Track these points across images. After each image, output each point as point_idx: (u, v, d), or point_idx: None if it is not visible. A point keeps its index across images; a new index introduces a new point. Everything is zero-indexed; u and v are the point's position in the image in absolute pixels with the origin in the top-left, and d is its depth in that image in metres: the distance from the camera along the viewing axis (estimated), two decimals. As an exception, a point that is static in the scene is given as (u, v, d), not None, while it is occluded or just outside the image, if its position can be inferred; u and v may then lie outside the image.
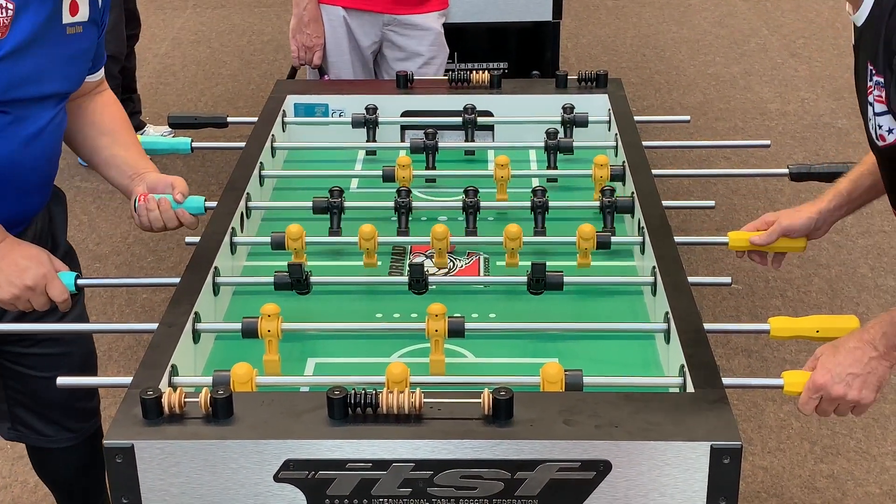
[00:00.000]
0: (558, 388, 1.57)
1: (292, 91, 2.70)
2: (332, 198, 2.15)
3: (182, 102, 5.39)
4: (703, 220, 4.26)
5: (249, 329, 1.75)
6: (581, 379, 1.60)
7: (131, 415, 1.46)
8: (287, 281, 1.91)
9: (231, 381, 1.58)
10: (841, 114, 5.29)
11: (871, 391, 1.65)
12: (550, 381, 1.58)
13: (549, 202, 2.14)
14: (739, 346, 3.49)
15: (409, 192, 2.16)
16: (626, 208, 2.15)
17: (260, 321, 1.74)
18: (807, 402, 1.67)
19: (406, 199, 2.14)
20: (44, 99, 1.93)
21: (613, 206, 2.14)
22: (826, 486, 2.93)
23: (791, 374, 1.68)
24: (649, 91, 5.58)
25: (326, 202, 2.15)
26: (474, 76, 2.66)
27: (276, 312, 1.74)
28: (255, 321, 1.75)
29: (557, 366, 1.59)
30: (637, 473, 1.42)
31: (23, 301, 1.86)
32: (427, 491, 1.43)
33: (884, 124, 1.70)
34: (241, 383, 1.57)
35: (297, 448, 1.42)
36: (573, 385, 1.59)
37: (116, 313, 3.66)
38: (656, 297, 1.89)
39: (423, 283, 1.90)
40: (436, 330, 1.73)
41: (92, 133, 2.11)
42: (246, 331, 1.76)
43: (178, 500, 1.44)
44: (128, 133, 2.14)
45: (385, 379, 1.54)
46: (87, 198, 4.44)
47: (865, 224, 4.28)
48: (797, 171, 2.37)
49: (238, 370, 1.58)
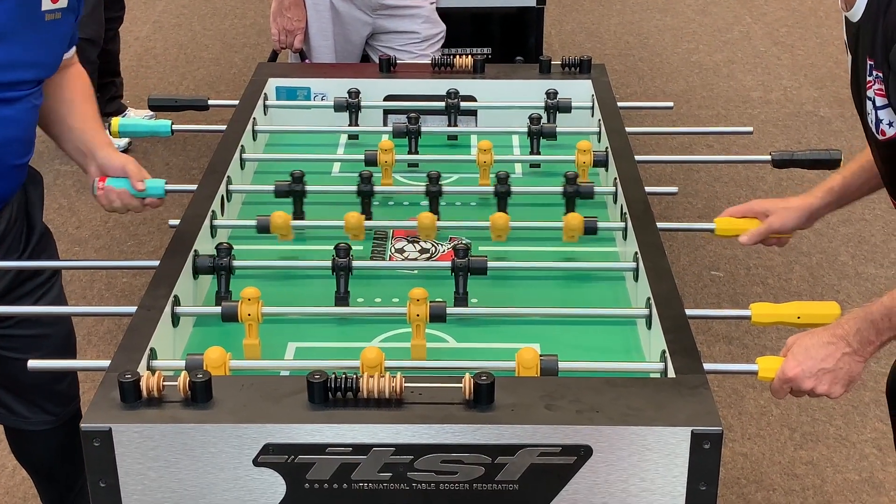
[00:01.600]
0: (534, 373, 1.57)
1: (274, 74, 2.68)
2: (293, 182, 2.14)
3: (163, 86, 5.35)
4: (685, 207, 4.26)
5: (229, 313, 1.74)
6: (556, 364, 1.59)
7: (109, 398, 1.45)
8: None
9: (204, 364, 1.57)
10: (823, 102, 5.31)
11: (840, 387, 1.64)
12: (526, 367, 1.57)
13: (511, 188, 2.15)
14: (720, 333, 3.49)
15: (370, 176, 2.15)
16: (588, 194, 2.15)
17: (240, 305, 1.73)
18: (778, 391, 1.68)
19: (368, 186, 2.13)
20: (20, 84, 1.91)
21: (576, 193, 2.15)
22: (805, 472, 2.94)
23: (766, 360, 1.67)
24: (633, 78, 5.58)
25: (288, 186, 2.14)
26: (458, 61, 2.65)
27: (256, 296, 1.73)
28: (234, 305, 1.74)
29: (533, 350, 1.59)
30: (618, 458, 1.42)
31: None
32: (407, 476, 1.43)
33: (884, 118, 1.69)
34: (215, 367, 1.56)
35: (277, 432, 1.41)
36: (548, 370, 1.58)
37: (96, 297, 3.63)
38: (638, 282, 1.88)
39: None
40: (417, 314, 1.72)
41: (53, 105, 2.07)
42: (226, 315, 1.74)
43: (157, 485, 1.43)
44: (85, 104, 2.09)
45: (360, 363, 1.53)
46: (67, 181, 4.40)
47: (846, 212, 4.29)
48: (780, 157, 2.37)
49: (211, 354, 1.57)
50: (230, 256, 1.88)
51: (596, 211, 2.22)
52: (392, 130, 2.43)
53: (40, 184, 2.17)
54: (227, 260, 1.87)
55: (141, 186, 1.99)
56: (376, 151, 2.28)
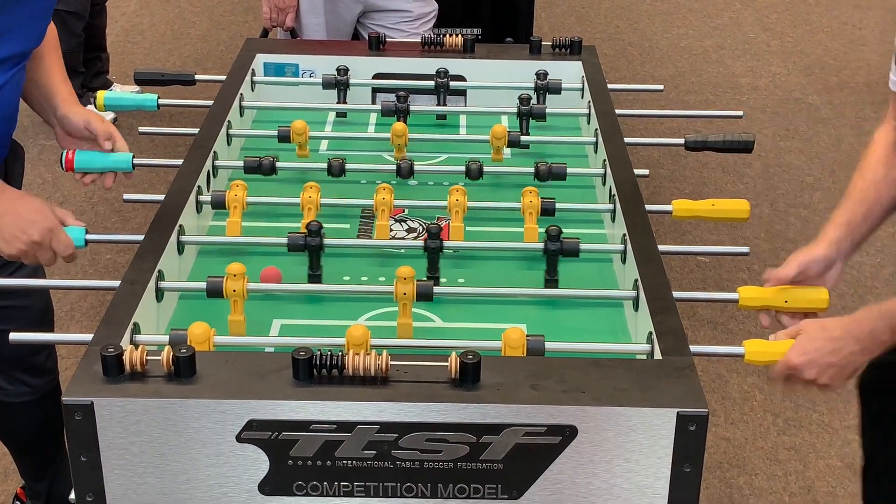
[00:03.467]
0: (520, 353, 1.56)
1: (262, 50, 2.66)
2: (262, 159, 2.13)
3: (150, 62, 5.31)
4: (672, 192, 4.26)
5: (214, 288, 1.73)
6: (543, 344, 1.59)
7: (91, 372, 1.44)
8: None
9: (188, 340, 1.55)
10: (812, 89, 5.31)
11: (842, 380, 1.65)
12: (512, 347, 1.56)
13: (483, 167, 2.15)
14: (706, 318, 3.50)
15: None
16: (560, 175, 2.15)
17: (225, 280, 1.72)
18: (779, 375, 1.67)
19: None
20: (10, 59, 1.88)
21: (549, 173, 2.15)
22: (788, 457, 2.95)
23: (752, 343, 1.67)
24: (622, 62, 5.56)
25: (258, 161, 2.12)
26: (448, 40, 2.63)
27: (241, 272, 1.72)
28: (220, 280, 1.72)
29: (520, 331, 1.58)
30: (603, 439, 1.42)
31: (29, 256, 1.80)
32: (392, 454, 1.42)
33: None
34: (199, 343, 1.54)
35: (261, 408, 1.40)
36: (535, 350, 1.58)
37: (79, 273, 3.61)
38: (626, 264, 1.88)
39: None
40: (404, 293, 1.71)
41: None
42: (211, 290, 1.73)
43: (139, 459, 1.42)
44: (50, 58, 2.03)
45: (346, 341, 1.52)
46: (51, 156, 4.37)
47: (833, 200, 4.29)
48: (693, 141, 2.37)
49: (195, 329, 1.56)
50: (321, 235, 1.86)
51: (584, 193, 2.22)
52: (380, 109, 2.42)
53: (21, 157, 2.14)
54: (318, 239, 1.86)
55: (107, 146, 1.95)
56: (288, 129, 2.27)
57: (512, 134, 2.29)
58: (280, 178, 2.18)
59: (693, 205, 2.07)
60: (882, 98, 5.23)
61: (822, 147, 4.73)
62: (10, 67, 1.90)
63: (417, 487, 1.44)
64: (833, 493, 2.83)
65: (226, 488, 1.44)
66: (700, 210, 2.07)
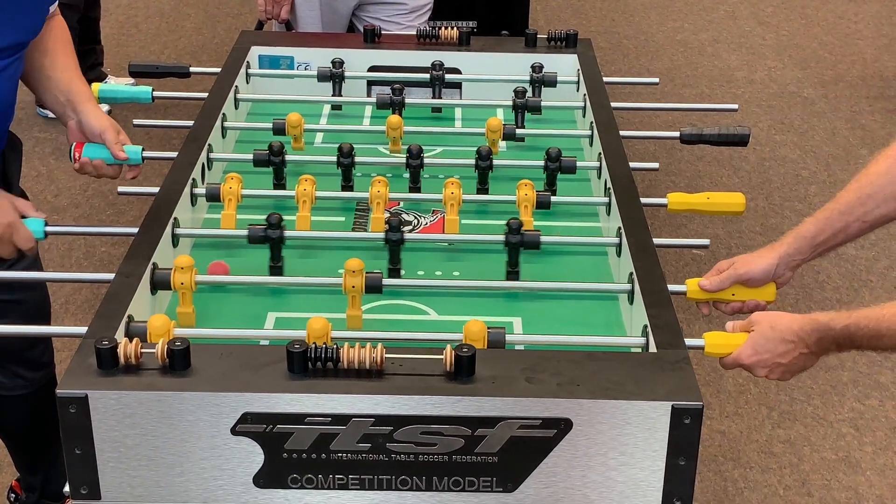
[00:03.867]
0: (481, 346, 1.55)
1: (257, 42, 2.65)
2: (272, 153, 2.12)
3: (144, 55, 5.29)
4: (667, 185, 4.26)
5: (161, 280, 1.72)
6: (504, 336, 1.58)
7: (86, 364, 1.43)
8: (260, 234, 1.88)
9: (147, 332, 1.54)
10: (807, 83, 5.31)
11: (790, 376, 1.67)
12: (473, 339, 1.56)
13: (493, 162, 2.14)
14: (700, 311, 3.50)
15: (351, 148, 2.13)
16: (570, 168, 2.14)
17: (173, 273, 1.71)
18: (728, 368, 1.70)
19: (349, 158, 2.12)
20: (8, 49, 1.87)
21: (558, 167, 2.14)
22: (782, 451, 2.96)
23: (713, 336, 1.67)
24: (618, 56, 5.56)
25: (267, 156, 2.12)
26: (443, 32, 2.63)
27: (189, 265, 1.71)
28: (167, 272, 1.71)
29: (480, 323, 1.57)
30: (598, 432, 1.42)
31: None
32: (386, 446, 1.42)
33: None
34: (157, 335, 1.53)
35: (256, 401, 1.40)
36: (496, 343, 1.57)
37: (74, 266, 3.60)
38: (621, 258, 1.88)
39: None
40: (353, 286, 1.71)
41: (33, 55, 2.00)
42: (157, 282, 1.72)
43: (134, 452, 1.42)
44: (66, 55, 2.03)
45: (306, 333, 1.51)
46: (46, 149, 4.36)
47: (828, 194, 4.29)
48: (688, 134, 2.36)
49: (155, 322, 1.54)
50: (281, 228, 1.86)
51: (579, 186, 2.22)
52: (376, 101, 2.41)
53: (19, 149, 2.14)
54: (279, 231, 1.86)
55: (122, 156, 1.95)
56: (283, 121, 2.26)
57: (507, 127, 2.29)
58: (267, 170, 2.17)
59: (688, 198, 2.08)
60: (878, 92, 5.23)
61: (818, 140, 4.73)
62: (9, 57, 1.89)
63: (412, 480, 1.44)
64: (828, 486, 2.84)
65: (220, 481, 1.43)
66: (695, 203, 2.08)
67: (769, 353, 1.64)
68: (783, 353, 1.64)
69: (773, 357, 1.64)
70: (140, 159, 1.98)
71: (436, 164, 2.23)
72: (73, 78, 2.01)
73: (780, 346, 1.64)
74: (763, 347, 1.64)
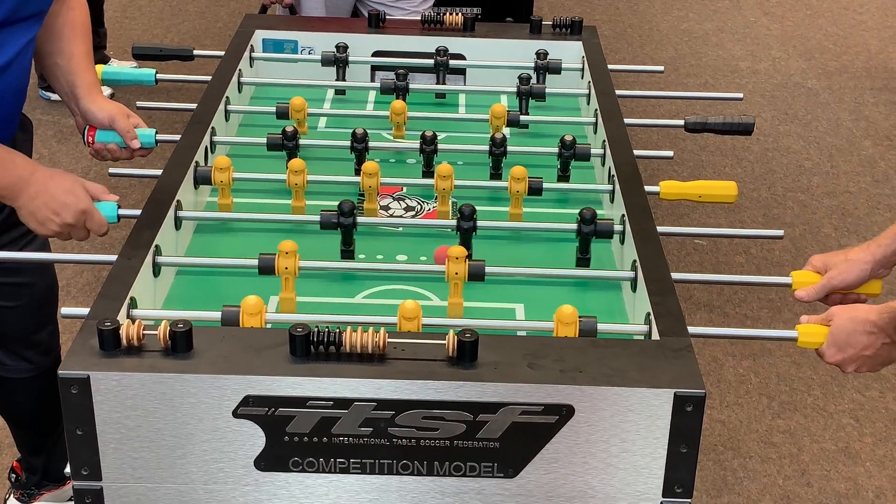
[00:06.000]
0: (572, 333, 1.56)
1: (261, 26, 2.64)
2: (286, 138, 2.11)
3: (147, 38, 5.28)
4: (669, 175, 4.24)
5: (266, 266, 1.71)
6: (595, 325, 1.59)
7: (88, 345, 1.43)
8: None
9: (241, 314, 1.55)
10: (811, 74, 5.29)
11: (879, 367, 1.68)
12: (565, 323, 1.56)
13: (507, 148, 2.12)
14: (702, 301, 3.50)
15: (365, 133, 2.13)
16: (584, 156, 2.13)
17: (277, 258, 1.70)
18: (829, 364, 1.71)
19: (363, 143, 2.11)
20: (24, 20, 1.83)
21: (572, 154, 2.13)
22: (782, 441, 2.96)
23: (805, 328, 1.68)
24: (622, 44, 5.55)
25: (281, 140, 2.12)
26: (448, 18, 2.62)
27: (293, 250, 1.70)
28: (272, 258, 1.70)
29: (572, 308, 1.57)
30: (600, 419, 1.42)
31: (63, 236, 1.80)
32: (388, 431, 1.42)
33: None
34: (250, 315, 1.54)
35: (258, 384, 1.40)
36: (587, 331, 1.58)
37: (75, 249, 3.59)
38: (624, 245, 1.87)
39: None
40: (456, 273, 1.71)
41: (44, 35, 1.98)
42: (263, 267, 1.72)
43: (134, 434, 1.42)
44: (76, 40, 2.00)
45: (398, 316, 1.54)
46: (49, 131, 4.35)
47: (831, 185, 4.30)
48: (693, 122, 2.36)
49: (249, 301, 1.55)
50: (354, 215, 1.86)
51: (583, 173, 2.21)
52: (380, 87, 2.41)
53: (30, 130, 2.13)
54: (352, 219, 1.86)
55: (136, 145, 1.94)
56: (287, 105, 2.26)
57: (511, 113, 2.28)
58: (275, 154, 2.17)
59: (680, 186, 2.09)
60: (882, 83, 5.22)
61: (821, 131, 4.72)
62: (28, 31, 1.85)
63: (413, 465, 1.44)
64: (827, 477, 2.84)
65: (221, 464, 1.43)
66: (687, 190, 2.08)
67: (852, 348, 1.65)
68: (867, 345, 1.64)
69: (858, 352, 1.64)
70: (153, 142, 1.99)
71: (450, 149, 2.21)
72: (80, 66, 1.98)
73: (862, 339, 1.64)
74: (845, 343, 1.65)
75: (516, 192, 1.98)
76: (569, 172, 2.15)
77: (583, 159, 2.14)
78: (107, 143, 1.95)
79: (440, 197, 2.00)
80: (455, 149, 2.21)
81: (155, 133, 1.99)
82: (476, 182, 2.11)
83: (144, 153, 2.00)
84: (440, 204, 2.00)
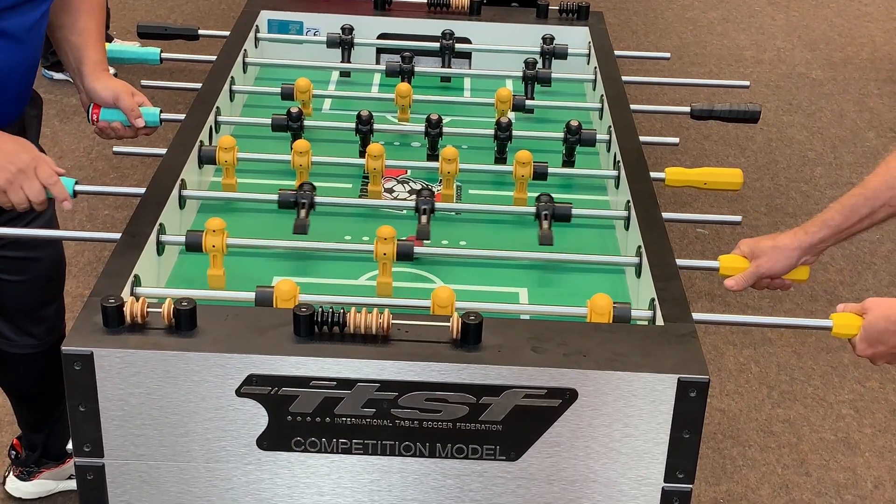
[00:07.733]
0: (606, 320, 1.56)
1: (266, 6, 2.64)
2: (290, 119, 2.11)
3: (151, 18, 5.26)
4: (673, 163, 4.23)
5: (193, 242, 1.72)
6: (630, 312, 1.58)
7: (91, 322, 1.43)
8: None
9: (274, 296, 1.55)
10: (816, 64, 5.28)
11: None
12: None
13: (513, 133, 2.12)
14: (703, 289, 3.50)
15: (370, 115, 2.12)
16: (589, 141, 2.13)
17: (205, 236, 1.70)
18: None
19: (368, 125, 2.11)
20: None
21: (578, 139, 2.12)
22: (782, 430, 2.96)
23: (840, 317, 1.68)
24: (626, 32, 5.53)
25: (286, 121, 2.11)
26: (454, 1, 2.61)
27: (221, 227, 1.71)
28: (199, 234, 1.71)
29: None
30: (603, 403, 1.42)
31: (15, 188, 1.74)
32: (391, 412, 1.42)
33: None
34: (284, 300, 1.54)
35: (261, 363, 1.40)
36: (621, 318, 1.57)
37: (77, 228, 3.59)
38: (629, 231, 1.87)
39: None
40: (384, 253, 1.71)
41: (57, 10, 1.97)
42: (190, 244, 1.72)
43: (137, 411, 1.42)
44: (86, 17, 1.99)
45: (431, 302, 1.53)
46: (51, 111, 4.34)
47: (834, 175, 4.29)
48: (699, 110, 2.35)
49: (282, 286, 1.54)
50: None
51: (589, 159, 2.20)
52: (385, 69, 2.40)
53: (40, 107, 2.12)
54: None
55: (140, 124, 1.94)
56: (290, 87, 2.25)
57: (517, 98, 2.28)
58: (279, 135, 2.16)
59: (686, 173, 2.08)
60: (886, 75, 5.21)
61: (825, 122, 4.71)
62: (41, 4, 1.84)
63: (416, 446, 1.44)
64: (826, 467, 2.84)
65: (224, 442, 1.43)
66: (693, 177, 2.07)
67: (883, 345, 1.65)
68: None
69: (889, 349, 1.65)
70: (158, 121, 1.98)
71: (455, 133, 2.20)
72: (88, 43, 1.97)
73: (893, 340, 1.64)
74: (877, 339, 1.65)
75: (521, 176, 1.97)
76: (574, 158, 2.15)
77: (588, 144, 2.14)
78: (111, 121, 1.94)
79: (445, 180, 1.99)
80: (460, 132, 2.20)
81: (160, 112, 1.98)
82: (481, 166, 2.10)
83: (149, 132, 1.99)
84: (444, 187, 2.00)
